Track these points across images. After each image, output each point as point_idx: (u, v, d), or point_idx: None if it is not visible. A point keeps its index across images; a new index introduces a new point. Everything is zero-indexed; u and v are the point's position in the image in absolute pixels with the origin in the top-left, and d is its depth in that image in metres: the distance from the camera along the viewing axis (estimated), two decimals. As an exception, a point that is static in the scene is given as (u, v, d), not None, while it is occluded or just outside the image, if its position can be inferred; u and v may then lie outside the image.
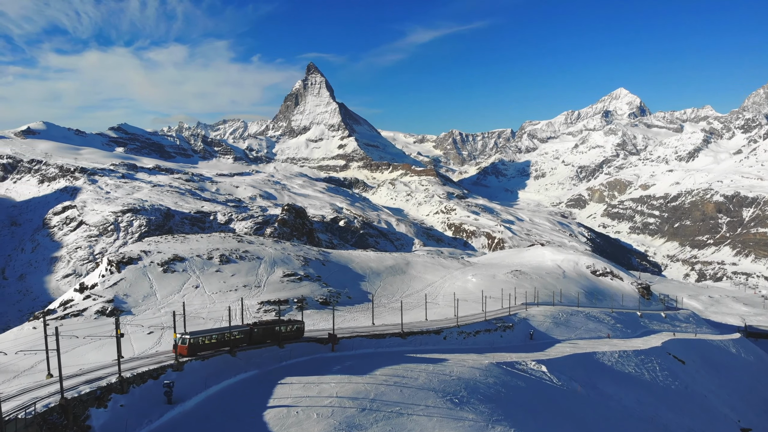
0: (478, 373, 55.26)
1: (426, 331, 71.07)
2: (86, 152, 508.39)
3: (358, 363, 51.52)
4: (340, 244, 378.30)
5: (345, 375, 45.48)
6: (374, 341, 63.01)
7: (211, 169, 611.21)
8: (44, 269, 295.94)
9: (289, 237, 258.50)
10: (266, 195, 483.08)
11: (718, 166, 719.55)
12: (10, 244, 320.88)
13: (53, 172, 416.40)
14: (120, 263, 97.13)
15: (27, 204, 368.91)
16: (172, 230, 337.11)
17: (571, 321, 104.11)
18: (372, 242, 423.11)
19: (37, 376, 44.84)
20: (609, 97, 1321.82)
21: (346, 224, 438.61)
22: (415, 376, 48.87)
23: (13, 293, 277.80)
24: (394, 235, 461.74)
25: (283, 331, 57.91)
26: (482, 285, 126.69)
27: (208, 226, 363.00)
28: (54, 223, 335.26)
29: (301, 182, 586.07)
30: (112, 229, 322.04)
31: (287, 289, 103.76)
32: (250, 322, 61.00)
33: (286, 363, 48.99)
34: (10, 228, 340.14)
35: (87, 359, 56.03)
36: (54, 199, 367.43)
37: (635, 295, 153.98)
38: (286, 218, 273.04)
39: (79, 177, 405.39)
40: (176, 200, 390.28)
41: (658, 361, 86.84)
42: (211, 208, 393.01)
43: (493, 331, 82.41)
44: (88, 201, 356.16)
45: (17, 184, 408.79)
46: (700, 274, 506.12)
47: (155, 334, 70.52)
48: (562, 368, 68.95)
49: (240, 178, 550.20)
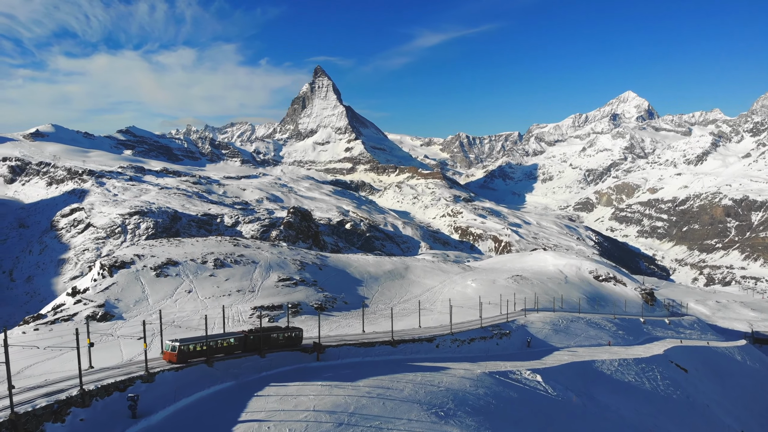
0: (468, 383, 53.66)
1: (418, 339, 69.06)
2: (94, 155, 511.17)
3: (343, 373, 49.78)
4: (345, 247, 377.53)
5: (326, 386, 43.57)
6: (362, 350, 61.11)
7: (218, 171, 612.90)
8: (52, 271, 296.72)
9: (295, 240, 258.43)
10: (273, 198, 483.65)
11: (727, 169, 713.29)
12: (18, 246, 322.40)
13: (61, 174, 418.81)
14: (112, 267, 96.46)
15: (35, 206, 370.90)
16: (180, 233, 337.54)
17: (571, 328, 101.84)
18: (378, 245, 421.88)
19: (21, 382, 43.39)
20: (617, 100, 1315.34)
21: (352, 227, 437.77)
22: (400, 387, 47.36)
23: (20, 295, 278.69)
24: (400, 238, 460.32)
25: (280, 338, 56.11)
26: (482, 290, 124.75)
27: (215, 229, 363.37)
28: (62, 225, 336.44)
29: (307, 185, 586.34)
30: (120, 232, 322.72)
31: (282, 294, 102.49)
32: (245, 329, 59.67)
33: (266, 373, 47.08)
34: (18, 230, 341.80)
35: (71, 366, 55.05)
36: (62, 202, 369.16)
37: (639, 300, 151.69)
38: (292, 221, 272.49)
39: (87, 179, 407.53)
40: (183, 203, 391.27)
41: (660, 370, 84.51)
42: (218, 211, 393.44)
43: (488, 338, 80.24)
44: (96, 203, 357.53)
45: (26, 186, 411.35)
46: (709, 279, 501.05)
47: (146, 339, 69.58)
48: (559, 377, 66.84)
49: (247, 180, 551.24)
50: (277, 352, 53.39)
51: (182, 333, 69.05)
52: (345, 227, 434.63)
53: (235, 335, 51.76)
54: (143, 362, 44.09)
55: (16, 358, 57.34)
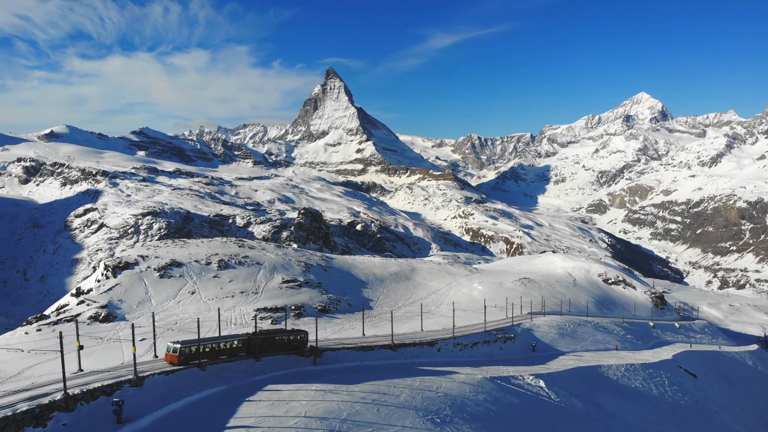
0: (468, 388, 52.45)
1: (419, 342, 67.60)
2: (108, 155, 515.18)
3: (338, 377, 48.82)
4: (356, 248, 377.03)
5: (320, 391, 43.12)
6: (361, 353, 59.87)
7: (230, 172, 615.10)
8: (65, 271, 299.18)
9: (305, 241, 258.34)
10: (284, 199, 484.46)
11: (741, 171, 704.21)
12: (32, 246, 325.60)
13: (75, 175, 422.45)
14: (116, 268, 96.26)
15: (49, 206, 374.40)
16: (192, 233, 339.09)
17: (578, 332, 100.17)
18: (389, 246, 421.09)
19: (22, 383, 43.22)
20: (630, 102, 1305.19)
21: (363, 228, 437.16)
22: (397, 393, 46.30)
23: (34, 294, 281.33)
24: (411, 239, 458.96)
25: (285, 340, 55.72)
26: (488, 293, 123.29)
27: (227, 229, 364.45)
28: (75, 225, 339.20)
29: (319, 186, 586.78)
30: (133, 232, 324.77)
31: (285, 296, 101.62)
32: (249, 331, 59.09)
33: (259, 378, 46.59)
34: (32, 230, 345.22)
35: (70, 368, 54.95)
36: (76, 202, 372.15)
37: (648, 304, 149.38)
38: (303, 222, 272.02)
39: (100, 180, 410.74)
40: (196, 203, 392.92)
41: (668, 375, 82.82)
42: (230, 212, 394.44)
43: (492, 342, 78.98)
44: (109, 204, 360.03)
45: (40, 187, 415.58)
46: (723, 282, 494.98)
47: (148, 341, 69.13)
48: (563, 383, 65.64)
49: (259, 181, 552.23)
50: (273, 356, 52.89)
51: (182, 336, 68.91)
52: (356, 228, 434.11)
53: (238, 337, 51.47)
54: (142, 364, 43.94)
55: (13, 359, 57.31)
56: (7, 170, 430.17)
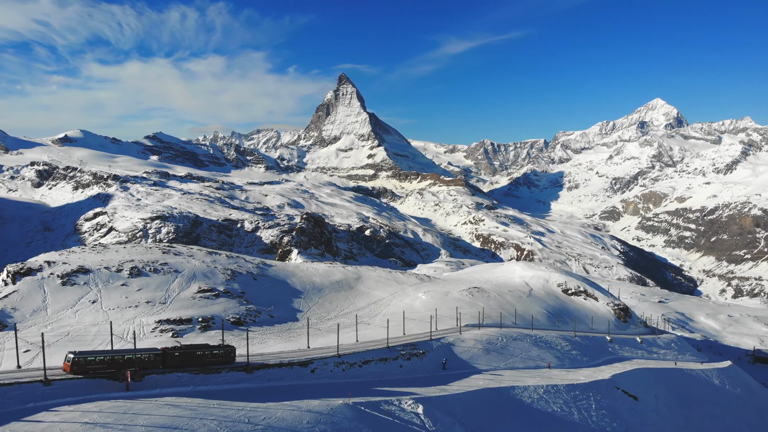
0: (308, 418, 44.47)
1: (287, 363, 60.34)
2: (121, 160, 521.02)
3: (137, 408, 41.47)
4: (361, 254, 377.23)
5: (89, 426, 36.91)
6: (200, 377, 52.09)
7: (242, 177, 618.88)
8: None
9: (307, 246, 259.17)
10: (294, 203, 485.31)
11: (757, 179, 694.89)
12: (42, 249, 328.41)
13: (87, 179, 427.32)
14: (17, 274, 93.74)
15: (60, 210, 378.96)
16: (200, 237, 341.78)
17: (509, 347, 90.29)
18: (397, 252, 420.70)
19: None
20: (645, 108, 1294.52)
21: (371, 233, 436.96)
22: (194, 428, 38.87)
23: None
24: (420, 245, 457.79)
25: (208, 355, 54.41)
26: (432, 303, 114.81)
27: (235, 234, 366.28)
28: (85, 228, 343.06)
29: (329, 191, 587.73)
30: (141, 236, 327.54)
31: (197, 307, 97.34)
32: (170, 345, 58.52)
33: (40, 404, 41.67)
34: (43, 233, 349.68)
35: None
36: (87, 206, 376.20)
37: (610, 316, 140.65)
38: (305, 227, 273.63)
39: (111, 184, 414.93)
40: (205, 208, 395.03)
41: (598, 398, 73.14)
42: (239, 216, 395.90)
43: (391, 359, 71.32)
44: (119, 208, 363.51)
45: (52, 191, 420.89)
46: (737, 290, 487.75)
47: (32, 352, 68.47)
48: (453, 408, 57.43)
49: (269, 186, 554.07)
50: None
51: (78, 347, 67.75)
52: (364, 234, 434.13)
53: (151, 351, 51.93)
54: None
55: None
56: (20, 174, 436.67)
